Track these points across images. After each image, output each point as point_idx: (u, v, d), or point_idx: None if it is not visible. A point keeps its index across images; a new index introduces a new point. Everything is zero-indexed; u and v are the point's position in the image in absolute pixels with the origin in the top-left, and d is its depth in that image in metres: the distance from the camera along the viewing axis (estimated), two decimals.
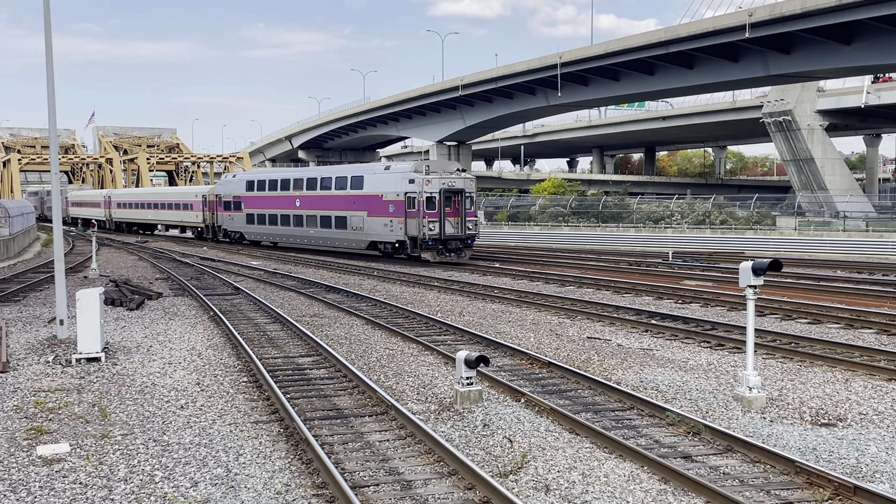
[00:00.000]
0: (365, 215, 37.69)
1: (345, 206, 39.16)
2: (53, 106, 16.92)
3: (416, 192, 34.71)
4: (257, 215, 46.75)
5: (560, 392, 12.16)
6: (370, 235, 37.60)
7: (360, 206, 38.02)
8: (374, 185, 37.42)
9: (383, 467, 8.87)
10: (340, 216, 39.45)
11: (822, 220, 56.67)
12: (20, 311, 20.75)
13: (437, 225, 34.70)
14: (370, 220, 37.33)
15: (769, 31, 45.53)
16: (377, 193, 36.88)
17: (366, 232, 37.81)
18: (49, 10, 16.51)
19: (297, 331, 17.10)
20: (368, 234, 37.71)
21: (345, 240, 39.48)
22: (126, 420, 10.78)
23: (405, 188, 35.20)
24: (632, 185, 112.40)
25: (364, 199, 37.77)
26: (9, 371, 13.64)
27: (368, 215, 37.44)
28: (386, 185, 36.53)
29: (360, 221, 38.03)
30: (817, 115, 70.61)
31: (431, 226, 34.69)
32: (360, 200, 38.06)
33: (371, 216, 37.24)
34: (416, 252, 35.41)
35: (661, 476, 8.51)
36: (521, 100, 69.90)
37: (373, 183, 37.58)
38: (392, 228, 35.99)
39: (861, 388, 12.34)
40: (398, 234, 35.71)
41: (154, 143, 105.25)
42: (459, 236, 35.14)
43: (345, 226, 39.15)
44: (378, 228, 36.88)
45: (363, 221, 37.86)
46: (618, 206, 62.88)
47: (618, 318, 18.80)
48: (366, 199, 37.64)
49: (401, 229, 35.49)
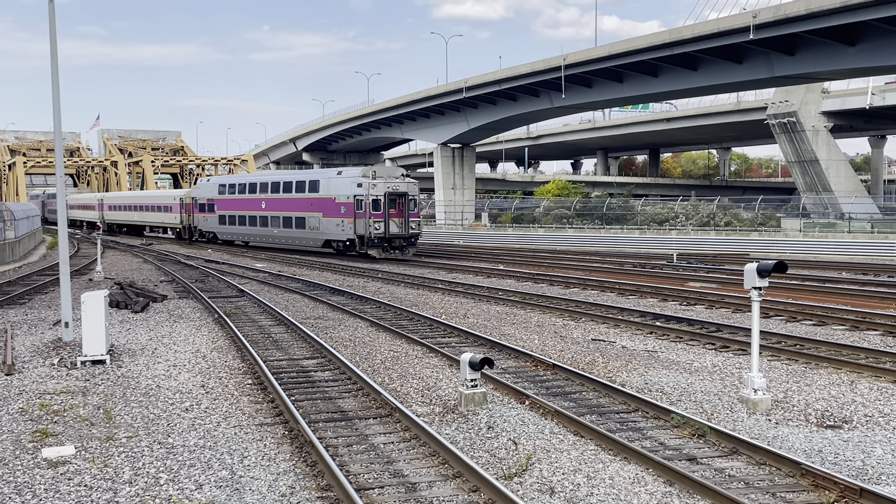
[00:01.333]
0: (321, 216, 41.39)
1: (303, 209, 42.97)
2: (58, 109, 16.96)
3: (363, 195, 38.30)
4: (228, 216, 50.69)
5: (564, 394, 12.14)
6: (325, 234, 41.19)
7: (317, 208, 41.76)
8: (328, 189, 41.00)
9: (388, 469, 8.86)
10: (300, 217, 43.23)
11: (827, 221, 56.56)
12: (25, 314, 20.79)
13: (382, 225, 38.28)
14: (325, 220, 41.02)
15: (773, 32, 45.44)
16: (331, 196, 40.55)
17: (321, 231, 41.42)
18: (54, 14, 16.56)
19: (302, 333, 17.11)
20: (323, 234, 41.32)
21: (303, 238, 43.22)
22: (131, 422, 10.79)
23: (354, 191, 38.75)
24: (636, 186, 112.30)
25: (319, 202, 41.52)
26: (14, 373, 13.67)
27: (323, 216, 41.12)
28: (338, 189, 40.13)
29: (317, 222, 41.70)
30: (822, 116, 70.46)
31: (377, 225, 38.27)
32: (316, 203, 41.83)
33: (326, 217, 40.93)
34: (363, 249, 38.78)
35: (666, 478, 8.49)
36: (525, 102, 69.84)
37: (327, 187, 41.14)
38: (343, 228, 39.62)
39: (867, 389, 12.30)
40: (348, 233, 39.26)
41: (159, 146, 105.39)
42: (403, 235, 38.86)
43: (303, 226, 42.86)
44: (332, 228, 40.54)
45: (319, 222, 41.54)
46: (622, 207, 62.84)
47: (622, 320, 18.78)
48: (321, 201, 41.39)
49: (350, 229, 39.07)
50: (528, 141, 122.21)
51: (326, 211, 40.93)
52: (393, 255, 38.69)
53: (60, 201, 17.84)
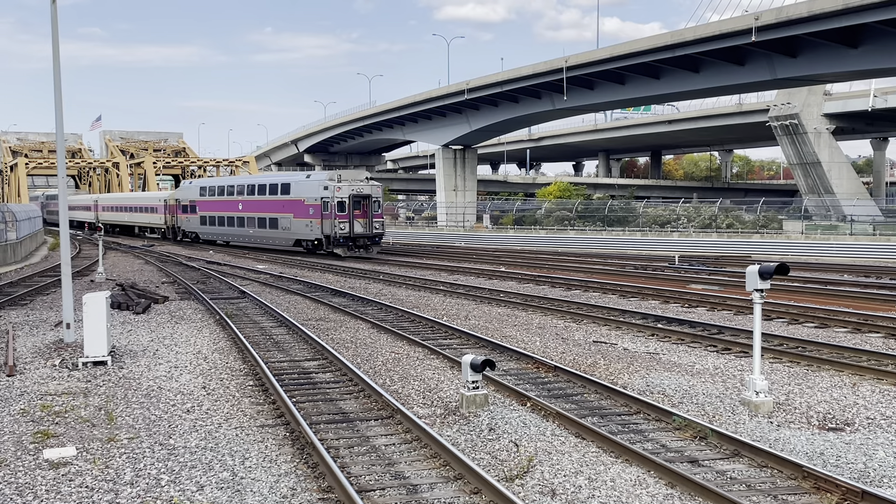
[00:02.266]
0: (291, 217, 43.97)
1: (276, 210, 45.52)
2: (60, 110, 16.98)
3: (329, 197, 40.90)
4: (209, 217, 53.62)
5: (566, 396, 12.13)
6: (295, 234, 43.75)
7: (288, 210, 44.30)
8: (298, 191, 43.52)
9: (389, 471, 8.86)
10: (273, 218, 45.89)
11: (828, 223, 56.50)
12: (27, 315, 20.81)
13: (346, 225, 40.93)
14: (295, 221, 43.65)
15: (775, 34, 45.42)
16: (300, 199, 43.09)
17: (292, 231, 43.99)
18: (56, 15, 16.57)
19: (303, 334, 17.11)
20: (294, 234, 43.85)
21: (276, 238, 45.90)
22: (132, 424, 10.79)
23: (321, 194, 41.33)
24: (638, 188, 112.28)
25: (290, 204, 44.03)
26: (16, 374, 13.67)
27: (294, 217, 43.69)
28: (307, 192, 42.61)
29: (288, 223, 44.35)
30: (824, 118, 70.41)
31: (342, 226, 40.87)
32: (287, 205, 44.38)
33: (296, 218, 43.51)
34: (329, 248, 41.39)
35: (667, 480, 8.48)
36: (526, 104, 69.84)
37: (297, 189, 43.64)
38: (312, 228, 42.15)
39: (868, 392, 12.29)
40: (316, 233, 41.79)
41: (160, 148, 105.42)
42: (367, 234, 41.48)
43: (276, 226, 45.55)
44: (301, 228, 43.08)
45: (290, 222, 44.14)
46: (624, 209, 62.83)
47: (624, 322, 18.76)
48: (292, 203, 43.90)
49: (318, 229, 41.61)
50: (530, 143, 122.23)
51: (297, 212, 43.40)
52: (358, 254, 41.22)
53: (62, 203, 17.85)
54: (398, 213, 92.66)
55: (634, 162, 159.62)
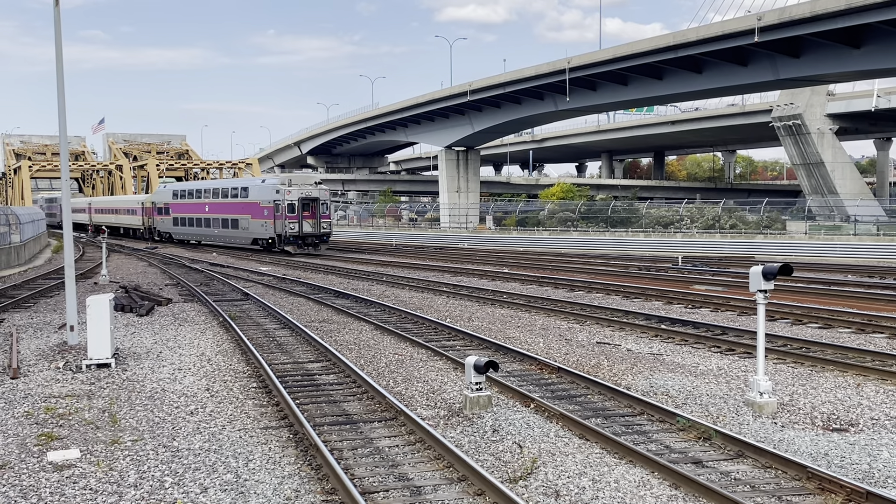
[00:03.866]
0: (249, 218, 48.50)
1: (236, 212, 50.16)
2: (64, 113, 17.00)
3: (280, 200, 45.06)
4: (180, 219, 58.40)
5: (570, 397, 12.12)
6: (253, 234, 48.25)
7: (246, 211, 48.83)
8: (254, 195, 47.98)
9: (393, 473, 8.85)
10: (234, 219, 50.58)
11: (832, 224, 56.41)
12: (31, 318, 20.83)
13: (296, 225, 45.02)
14: (252, 221, 48.15)
15: (778, 34, 45.40)
16: (257, 201, 47.52)
17: (250, 231, 48.52)
18: (59, 18, 16.60)
19: (307, 336, 17.11)
20: (252, 233, 48.42)
21: (237, 237, 50.54)
22: (136, 426, 10.79)
23: (274, 197, 45.59)
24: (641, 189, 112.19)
25: (248, 206, 48.59)
26: (20, 377, 13.69)
27: (252, 218, 48.20)
28: (262, 195, 46.96)
29: (247, 223, 48.86)
30: (827, 118, 70.32)
31: (292, 226, 44.99)
32: (246, 207, 48.95)
33: (253, 219, 48.02)
34: (281, 246, 45.41)
35: (671, 482, 8.47)
36: (529, 105, 69.85)
37: (254, 193, 48.14)
38: (266, 228, 46.57)
39: (873, 392, 12.26)
40: (270, 233, 46.10)
41: (164, 150, 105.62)
42: (315, 233, 45.76)
43: (237, 226, 50.17)
44: (258, 228, 47.61)
45: (248, 223, 48.69)
46: (627, 210, 62.78)
47: (627, 323, 18.74)
48: (250, 205, 48.44)
49: (272, 228, 45.93)
50: (533, 144, 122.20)
51: (254, 213, 47.94)
52: (306, 251, 45.40)
53: (66, 205, 17.88)
54: (401, 215, 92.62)
55: (637, 163, 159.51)
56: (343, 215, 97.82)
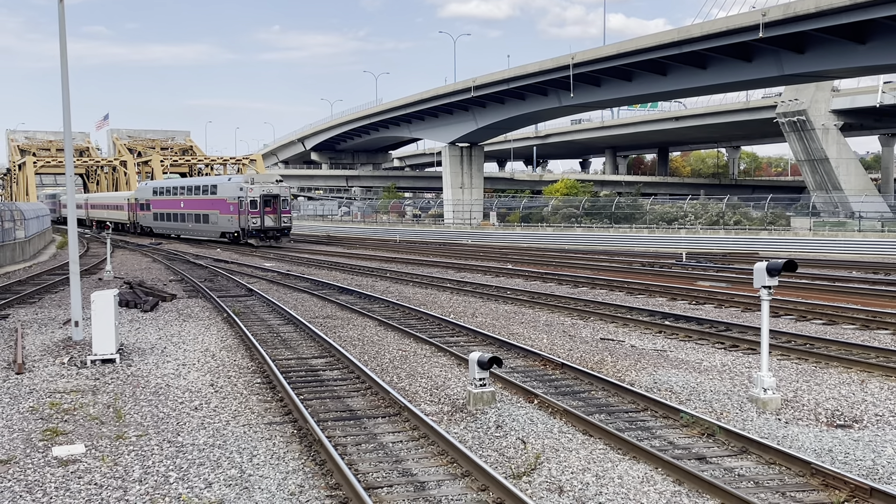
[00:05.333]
0: (218, 213, 53.14)
1: (207, 207, 54.86)
2: (68, 110, 17.02)
3: (244, 197, 49.99)
4: (159, 214, 63.09)
5: (573, 393, 12.13)
6: (221, 228, 52.97)
7: (215, 207, 53.48)
8: (222, 192, 52.54)
9: (396, 468, 8.87)
10: (205, 214, 55.32)
11: (837, 220, 56.30)
12: (36, 313, 20.88)
13: (258, 219, 50.06)
14: (221, 216, 52.88)
15: (783, 30, 45.28)
16: (224, 198, 52.20)
17: (219, 225, 53.23)
18: (63, 14, 16.62)
19: (311, 332, 17.13)
20: (220, 227, 53.13)
21: (207, 231, 55.23)
22: (140, 421, 10.82)
23: (238, 194, 50.33)
24: (645, 185, 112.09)
25: (217, 202, 53.26)
26: (25, 372, 13.73)
27: (220, 213, 52.89)
28: (228, 192, 51.60)
29: (216, 218, 53.52)
30: (832, 114, 70.15)
31: (254, 220, 50.04)
32: (215, 203, 53.62)
33: (221, 214, 52.70)
34: (245, 239, 50.12)
35: (675, 478, 8.47)
36: (533, 101, 69.78)
37: (221, 190, 52.67)
38: (232, 222, 51.40)
39: (877, 389, 12.25)
40: (235, 227, 50.94)
41: (168, 146, 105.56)
42: (276, 227, 50.68)
43: (207, 221, 54.92)
44: (225, 223, 52.32)
45: (217, 218, 53.35)
46: (631, 206, 62.68)
47: (631, 320, 18.74)
48: (218, 202, 53.06)
49: (237, 223, 50.79)
50: (537, 140, 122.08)
51: (221, 209, 52.53)
52: (268, 244, 49.80)
53: (70, 201, 17.90)
54: (405, 211, 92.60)
55: (641, 159, 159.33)
56: (347, 212, 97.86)
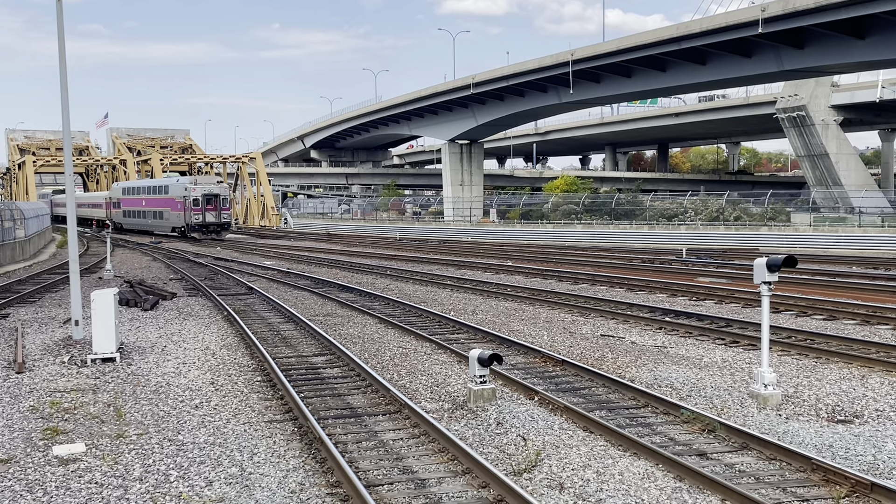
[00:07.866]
0: (170, 210, 60.70)
1: (161, 205, 62.63)
2: (67, 109, 17.01)
3: (188, 196, 57.97)
4: (127, 211, 71.29)
5: (574, 390, 12.12)
6: (172, 223, 60.71)
7: (167, 206, 61.25)
8: (172, 192, 60.55)
9: (397, 466, 8.87)
10: (160, 211, 63.12)
11: (837, 215, 56.31)
12: (36, 312, 20.88)
13: (200, 216, 58.04)
14: (172, 213, 60.46)
15: (782, 25, 45.26)
16: (173, 197, 60.15)
17: (170, 221, 60.90)
18: (62, 13, 16.59)
19: (311, 330, 17.13)
20: (171, 223, 60.80)
21: (162, 226, 62.94)
22: (141, 420, 10.82)
23: (184, 193, 58.19)
24: (645, 182, 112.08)
25: (169, 201, 61.11)
26: (25, 372, 13.73)
27: (171, 211, 60.47)
28: (177, 192, 59.53)
29: (168, 215, 61.09)
30: (831, 110, 70.11)
31: (197, 216, 58.04)
32: (167, 202, 61.44)
33: (172, 211, 60.28)
34: (190, 233, 57.55)
35: (676, 474, 8.47)
36: (532, 97, 69.75)
37: (172, 190, 60.87)
38: (180, 219, 59.04)
39: (878, 384, 12.24)
40: (182, 222, 58.74)
41: (167, 144, 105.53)
42: (217, 223, 58.72)
43: (162, 217, 62.54)
44: (175, 219, 60.01)
45: (169, 214, 60.86)
46: (631, 203, 62.69)
47: (631, 316, 18.73)
48: (169, 200, 60.91)
49: (183, 219, 58.42)
50: (536, 137, 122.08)
51: (172, 207, 60.13)
52: (210, 237, 56.96)
53: (70, 201, 17.88)
54: (405, 209, 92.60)
55: (641, 155, 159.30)
56: (347, 209, 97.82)
